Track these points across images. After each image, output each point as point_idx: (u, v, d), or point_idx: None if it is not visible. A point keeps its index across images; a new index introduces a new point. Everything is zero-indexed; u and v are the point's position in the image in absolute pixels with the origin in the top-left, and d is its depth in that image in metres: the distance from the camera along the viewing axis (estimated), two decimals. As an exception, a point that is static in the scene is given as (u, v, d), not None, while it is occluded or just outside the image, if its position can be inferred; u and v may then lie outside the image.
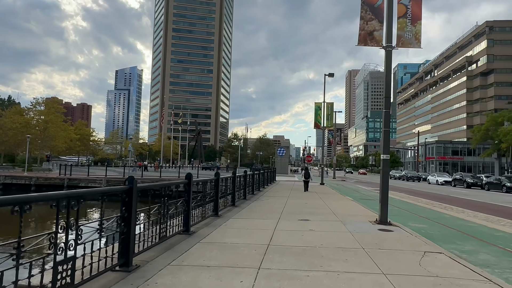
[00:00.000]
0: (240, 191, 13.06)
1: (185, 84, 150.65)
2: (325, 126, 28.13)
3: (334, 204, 12.87)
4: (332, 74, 27.62)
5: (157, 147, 79.31)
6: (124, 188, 4.23)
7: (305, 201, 13.80)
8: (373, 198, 16.91)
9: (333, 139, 43.41)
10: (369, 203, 13.75)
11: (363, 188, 26.76)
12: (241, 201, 12.96)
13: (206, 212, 8.45)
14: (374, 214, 10.10)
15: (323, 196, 16.19)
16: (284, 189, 20.44)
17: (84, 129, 63.00)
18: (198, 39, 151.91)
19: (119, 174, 34.09)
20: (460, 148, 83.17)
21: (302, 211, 10.54)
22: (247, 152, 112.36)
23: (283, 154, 60.54)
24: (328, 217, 9.37)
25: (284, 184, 25.96)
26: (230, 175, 11.49)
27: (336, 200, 14.79)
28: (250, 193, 15.79)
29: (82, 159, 75.08)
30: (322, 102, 27.74)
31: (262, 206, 11.58)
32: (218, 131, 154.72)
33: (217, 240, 6.21)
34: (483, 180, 30.86)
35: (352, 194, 19.12)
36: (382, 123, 8.50)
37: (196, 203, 7.55)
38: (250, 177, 15.87)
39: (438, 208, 12.73)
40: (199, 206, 7.89)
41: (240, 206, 11.47)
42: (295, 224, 8.03)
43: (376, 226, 8.05)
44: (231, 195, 11.46)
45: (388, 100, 8.49)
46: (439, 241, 6.75)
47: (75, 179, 31.90)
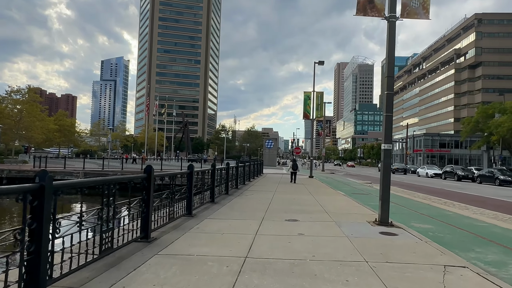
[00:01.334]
0: (221, 185, 11.75)
1: (172, 75, 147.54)
2: (315, 117, 26.94)
3: (325, 200, 11.67)
4: (322, 62, 26.35)
5: (142, 138, 77.09)
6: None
7: (293, 196, 12.57)
8: (366, 192, 15.81)
9: (322, 131, 42.31)
10: (362, 199, 12.60)
11: (353, 181, 25.76)
12: (223, 196, 11.65)
13: (176, 212, 7.12)
14: (371, 213, 8.93)
15: (313, 190, 15.01)
16: (271, 183, 19.20)
17: (64, 120, 60.45)
18: (185, 29, 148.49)
19: (99, 167, 32.37)
20: (448, 141, 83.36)
21: (290, 208, 9.29)
22: (235, 144, 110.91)
23: (271, 146, 59.33)
24: (320, 216, 8.13)
25: (272, 177, 24.74)
26: (209, 168, 10.16)
27: (326, 195, 13.61)
28: (234, 187, 14.50)
29: (64, 151, 72.63)
30: (312, 92, 26.50)
31: (245, 203, 10.29)
32: (206, 123, 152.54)
33: (181, 250, 4.88)
34: (475, 173, 30.24)
35: (343, 188, 18.01)
36: (384, 107, 7.25)
37: (160, 201, 6.20)
38: (233, 170, 14.56)
39: (438, 204, 11.67)
40: (167, 206, 6.56)
41: (220, 203, 10.16)
42: (282, 226, 6.76)
43: (376, 228, 6.83)
44: (210, 191, 10.14)
45: (391, 80, 7.23)
46: (454, 247, 5.57)
47: (50, 172, 29.87)
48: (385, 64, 7.23)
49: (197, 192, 8.67)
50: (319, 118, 27.43)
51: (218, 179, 11.39)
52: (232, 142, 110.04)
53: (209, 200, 9.98)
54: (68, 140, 62.35)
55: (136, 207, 5.17)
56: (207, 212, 8.39)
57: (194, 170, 7.93)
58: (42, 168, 30.80)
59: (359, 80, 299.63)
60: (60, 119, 59.89)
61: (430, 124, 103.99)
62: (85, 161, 32.32)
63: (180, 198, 7.35)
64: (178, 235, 5.80)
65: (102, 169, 30.81)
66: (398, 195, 15.01)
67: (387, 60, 7.21)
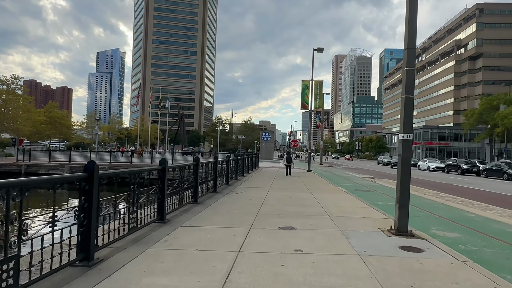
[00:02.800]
0: (207, 182, 10.28)
1: (168, 66, 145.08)
2: (313, 107, 25.44)
3: (325, 198, 10.25)
4: (321, 49, 24.79)
5: (136, 131, 75.35)
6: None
7: (289, 194, 11.14)
8: (370, 188, 14.41)
9: (320, 123, 40.88)
10: (368, 197, 11.19)
11: (353, 175, 24.38)
12: (209, 195, 10.20)
13: (144, 218, 5.67)
14: (382, 216, 7.50)
15: (312, 187, 13.58)
16: (266, 178, 17.77)
17: (55, 112, 58.58)
18: (181, 20, 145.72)
19: (86, 160, 30.72)
20: (447, 133, 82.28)
21: (286, 211, 7.84)
22: (231, 137, 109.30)
23: (268, 139, 57.83)
24: (321, 221, 6.69)
25: (267, 171, 23.31)
26: (191, 163, 8.68)
27: (327, 192, 12.19)
28: (224, 184, 13.06)
29: (56, 144, 70.94)
30: (310, 81, 24.97)
31: (233, 203, 8.84)
32: (203, 115, 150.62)
33: (128, 283, 3.42)
34: (479, 166, 28.92)
35: (344, 183, 16.61)
36: (404, 87, 5.77)
37: (115, 208, 4.73)
38: (223, 165, 13.10)
39: (454, 203, 10.28)
40: (132, 213, 5.11)
41: (205, 203, 8.71)
42: (274, 238, 5.31)
43: (394, 239, 5.40)
44: (192, 189, 8.67)
45: (412, 54, 5.74)
46: (504, 270, 4.15)
47: (34, 166, 28.56)
48: (405, 33, 5.73)
49: (173, 192, 7.21)
50: (318, 109, 25.94)
51: (204, 175, 9.94)
52: (229, 135, 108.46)
53: (191, 201, 8.52)
54: (59, 132, 60.56)
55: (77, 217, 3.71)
56: (185, 216, 6.94)
57: (167, 166, 6.46)
58: (26, 161, 29.27)
59: (357, 72, 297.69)
60: (51, 110, 58.01)
61: (429, 116, 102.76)
62: (72, 154, 30.71)
63: (148, 201, 5.90)
64: (134, 254, 4.34)
65: (89, 162, 29.21)
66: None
67: (407, 27, 5.71)
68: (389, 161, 52.53)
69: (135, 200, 5.22)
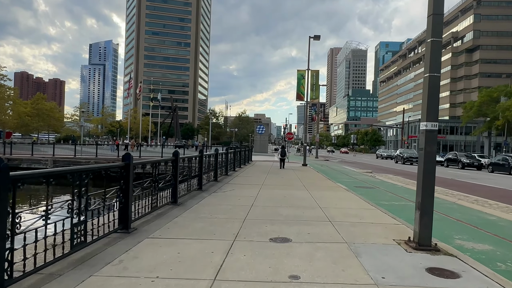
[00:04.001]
0: (191, 180, 9.05)
1: (161, 58, 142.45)
2: (309, 99, 24.21)
3: (324, 197, 9.09)
4: (318, 37, 23.49)
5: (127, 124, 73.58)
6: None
7: (284, 191, 9.96)
8: (371, 184, 13.29)
9: (316, 115, 39.67)
10: (371, 195, 10.06)
11: (351, 169, 23.29)
12: (193, 193, 9.00)
13: (102, 228, 4.47)
14: (393, 221, 6.34)
15: (308, 183, 12.42)
16: (259, 172, 16.59)
17: (43, 104, 56.67)
18: (174, 10, 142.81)
19: (73, 153, 29.23)
20: (443, 127, 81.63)
21: (279, 214, 6.66)
22: (226, 130, 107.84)
23: (263, 132, 56.58)
24: (322, 229, 5.51)
25: (261, 165, 22.13)
26: (170, 157, 7.45)
27: (325, 189, 11.03)
28: (212, 180, 11.85)
29: (44, 137, 69.20)
30: (306, 70, 23.71)
31: (218, 205, 7.63)
32: (196, 108, 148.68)
33: None
34: (480, 160, 28.00)
35: (342, 178, 15.48)
36: (428, 64, 4.58)
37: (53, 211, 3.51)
38: (211, 158, 11.86)
39: (468, 203, 9.17)
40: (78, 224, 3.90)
41: (186, 204, 7.51)
42: (262, 256, 4.11)
43: (415, 256, 4.24)
44: (171, 188, 7.45)
45: (439, 21, 4.54)
46: None
47: (15, 159, 27.06)
48: (431, -6, 4.50)
49: (145, 193, 5.99)
50: (314, 100, 24.73)
51: (187, 172, 8.71)
52: (223, 128, 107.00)
53: (170, 201, 7.30)
54: (47, 125, 58.75)
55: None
56: (157, 222, 5.73)
57: (132, 163, 5.22)
58: (7, 155, 27.77)
59: (353, 65, 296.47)
60: (38, 102, 56.11)
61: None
62: (57, 147, 29.24)
63: (105, 206, 4.68)
64: (68, 285, 3.14)
65: (74, 156, 27.85)
66: (411, 188, 12.51)
67: (433, -13, 4.49)
68: (390, 155, 51.02)
69: (82, 206, 4.00)
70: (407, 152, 37.15)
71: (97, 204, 4.50)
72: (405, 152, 37.47)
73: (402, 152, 37.82)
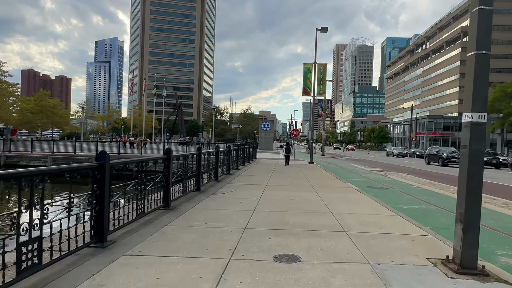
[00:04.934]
0: (186, 181, 8.15)
1: (166, 54, 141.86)
2: (316, 94, 23.19)
3: (335, 200, 8.15)
4: (325, 29, 22.46)
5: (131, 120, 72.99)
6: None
7: (290, 193, 9.04)
8: (384, 184, 12.31)
9: (322, 112, 38.60)
10: (386, 197, 9.11)
11: (360, 167, 22.29)
12: (190, 195, 8.13)
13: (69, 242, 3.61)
14: (418, 230, 5.40)
15: (316, 183, 11.48)
16: (264, 171, 15.68)
17: (46, 100, 56.21)
18: (179, 6, 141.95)
19: (73, 150, 28.54)
20: (452, 123, 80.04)
21: (284, 222, 5.74)
22: (231, 127, 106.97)
23: (268, 128, 55.69)
24: (337, 243, 4.58)
25: (265, 163, 21.22)
26: (160, 156, 6.56)
27: (335, 190, 10.09)
28: (213, 179, 10.99)
29: (48, 134, 68.95)
30: (313, 64, 22.68)
31: (216, 210, 6.74)
32: (201, 105, 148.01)
33: None
34: (499, 158, 26.58)
35: (352, 177, 14.52)
36: (473, 39, 3.63)
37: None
38: (211, 156, 10.98)
39: (497, 207, 8.18)
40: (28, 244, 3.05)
41: (179, 209, 6.63)
42: (264, 285, 3.21)
43: (460, 284, 3.31)
44: (163, 190, 6.57)
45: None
46: None
47: (14, 156, 26.51)
48: None
49: (128, 194, 5.12)
50: (321, 94, 23.72)
51: (182, 172, 7.83)
52: (228, 125, 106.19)
53: (161, 206, 6.43)
54: (51, 122, 58.33)
55: None
56: (142, 232, 4.85)
57: (109, 163, 4.35)
58: (6, 152, 27.17)
59: (359, 62, 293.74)
60: (41, 99, 55.66)
61: (432, 106, 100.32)
62: (58, 145, 28.59)
63: (77, 216, 3.81)
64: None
65: (74, 153, 27.18)
66: (427, 189, 11.52)
67: None
68: (401, 152, 49.18)
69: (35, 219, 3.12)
70: (446, 151, 28.74)
71: (64, 212, 3.64)
72: (443, 151, 28.93)
73: (440, 151, 29.15)
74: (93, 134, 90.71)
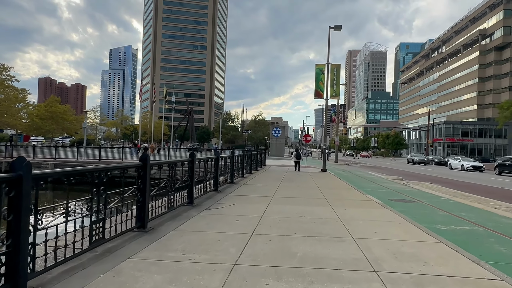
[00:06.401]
0: (174, 193, 6.74)
1: (177, 61, 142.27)
2: (329, 96, 21.67)
3: (356, 218, 6.63)
4: (339, 27, 21.01)
5: (142, 127, 72.59)
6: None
7: (300, 208, 7.55)
8: (408, 196, 10.68)
9: (335, 116, 36.97)
10: (416, 214, 7.53)
11: (377, 176, 20.59)
12: (178, 210, 6.73)
13: None
14: (476, 269, 3.84)
15: (331, 195, 9.95)
16: (272, 180, 14.20)
17: (56, 107, 56.07)
18: (190, 13, 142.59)
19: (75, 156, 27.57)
20: (471, 129, 76.98)
21: (290, 254, 4.26)
22: (242, 133, 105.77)
23: (279, 134, 54.20)
24: (366, 294, 3.09)
25: (275, 171, 19.74)
26: (135, 163, 5.18)
27: (354, 204, 8.54)
28: (211, 190, 9.57)
29: (58, 140, 69.03)
30: (326, 64, 21.21)
31: (203, 232, 5.30)
32: (213, 111, 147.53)
33: None
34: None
35: (371, 188, 12.91)
36: None
37: None
38: (208, 163, 9.54)
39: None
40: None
41: (156, 230, 5.22)
42: None
43: None
44: (137, 207, 5.17)
45: None
46: None
47: (15, 163, 25.66)
48: None
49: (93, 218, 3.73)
50: (334, 97, 22.18)
51: (166, 183, 6.41)
52: (238, 131, 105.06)
53: (134, 226, 5.03)
54: (61, 128, 58.14)
55: None
56: (89, 272, 3.44)
57: (36, 173, 2.98)
58: (8, 158, 26.43)
59: (372, 67, 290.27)
60: (52, 105, 55.55)
61: (449, 111, 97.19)
62: (59, 151, 27.71)
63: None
64: None
65: (76, 159, 26.23)
66: (461, 202, 9.86)
67: None
68: (422, 159, 43.84)
69: None
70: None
71: None
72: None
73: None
74: (104, 140, 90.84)
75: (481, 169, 28.35)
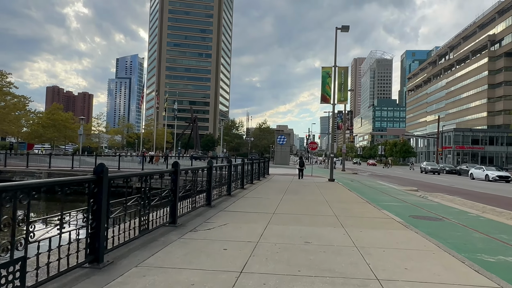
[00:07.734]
0: (152, 211, 5.43)
1: (182, 69, 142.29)
2: (336, 101, 20.37)
3: (377, 246, 5.26)
4: (346, 28, 19.81)
5: (145, 135, 71.76)
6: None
7: (305, 230, 6.20)
8: (431, 212, 9.25)
9: (342, 123, 35.59)
10: (449, 238, 6.14)
11: (389, 186, 19.14)
12: (156, 232, 5.40)
13: None
14: None
15: (341, 211, 8.57)
16: (274, 191, 12.85)
17: (58, 114, 55.43)
18: (196, 21, 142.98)
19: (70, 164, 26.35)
20: (481, 137, 74.96)
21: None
22: (246, 140, 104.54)
23: (284, 142, 52.89)
24: None
25: (278, 181, 18.39)
26: (90, 177, 3.89)
27: (371, 225, 7.15)
28: (203, 204, 8.25)
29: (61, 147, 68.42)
30: (333, 67, 19.96)
31: (174, 270, 3.97)
32: (217, 119, 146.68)
33: None
34: None
35: (385, 201, 11.50)
36: None
37: None
38: (198, 172, 8.23)
39: None
40: None
41: (115, 265, 3.90)
42: None
43: None
44: (91, 233, 3.86)
45: None
46: None
47: (8, 172, 24.66)
48: None
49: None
50: (342, 102, 20.87)
51: (138, 201, 5.11)
52: (243, 139, 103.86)
53: (85, 261, 3.72)
54: (63, 136, 57.43)
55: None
56: None
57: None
58: (1, 167, 25.39)
59: (377, 75, 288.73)
60: (54, 113, 54.93)
61: (458, 119, 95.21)
62: (54, 159, 26.61)
63: None
64: None
65: (71, 168, 25.11)
66: (494, 219, 8.43)
67: None
68: (434, 168, 39.71)
69: None
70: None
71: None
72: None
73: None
74: (109, 148, 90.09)
75: (508, 180, 26.21)
